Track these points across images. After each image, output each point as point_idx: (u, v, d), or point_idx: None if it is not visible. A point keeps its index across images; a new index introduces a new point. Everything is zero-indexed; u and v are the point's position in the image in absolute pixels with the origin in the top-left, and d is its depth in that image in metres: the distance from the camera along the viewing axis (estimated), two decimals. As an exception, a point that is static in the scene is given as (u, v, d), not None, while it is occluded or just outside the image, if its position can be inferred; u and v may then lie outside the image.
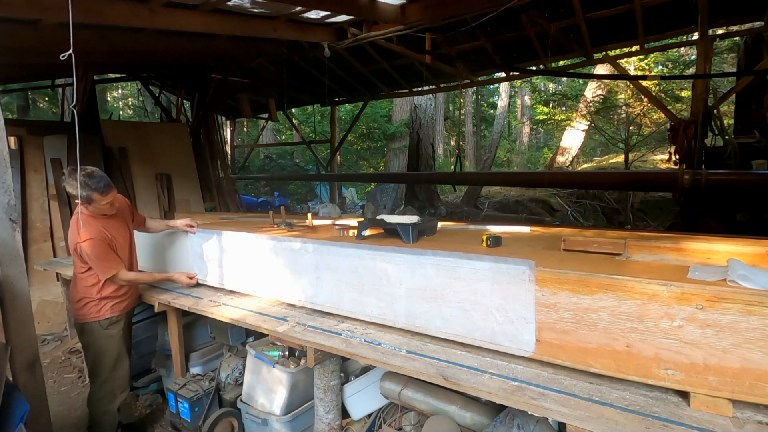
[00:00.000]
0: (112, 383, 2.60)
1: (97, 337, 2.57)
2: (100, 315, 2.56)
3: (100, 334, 2.57)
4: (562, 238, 2.00)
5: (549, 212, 9.22)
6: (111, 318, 2.59)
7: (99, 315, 2.56)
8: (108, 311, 2.58)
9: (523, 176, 8.90)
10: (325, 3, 4.14)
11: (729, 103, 7.25)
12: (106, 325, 2.58)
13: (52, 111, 14.45)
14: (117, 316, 2.63)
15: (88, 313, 2.54)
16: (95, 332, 2.57)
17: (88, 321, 2.55)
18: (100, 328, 2.56)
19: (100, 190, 2.35)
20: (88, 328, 2.57)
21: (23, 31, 3.80)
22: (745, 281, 1.30)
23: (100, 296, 2.54)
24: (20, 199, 5.40)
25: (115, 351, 2.62)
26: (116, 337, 2.62)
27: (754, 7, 4.91)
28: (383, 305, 2.02)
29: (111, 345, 2.60)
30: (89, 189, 2.31)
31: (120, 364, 2.64)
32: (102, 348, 2.58)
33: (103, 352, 2.58)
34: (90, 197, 2.33)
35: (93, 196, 2.33)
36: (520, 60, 6.78)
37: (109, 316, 2.58)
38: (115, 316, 2.61)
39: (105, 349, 2.58)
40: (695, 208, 4.97)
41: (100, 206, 2.41)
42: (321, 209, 9.10)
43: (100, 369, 2.59)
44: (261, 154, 15.96)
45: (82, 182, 2.27)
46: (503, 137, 16.75)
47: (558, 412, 1.40)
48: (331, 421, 2.24)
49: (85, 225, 2.40)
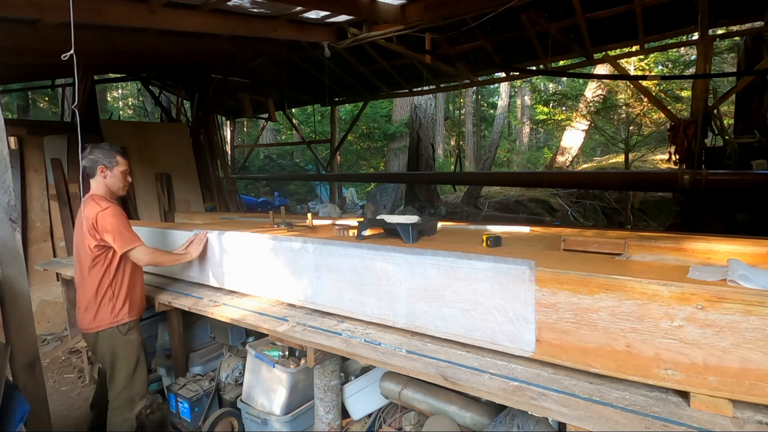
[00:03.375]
0: (131, 390, 2.44)
1: (116, 343, 2.38)
2: (118, 319, 2.38)
3: (119, 340, 2.38)
4: (562, 238, 2.00)
5: (549, 212, 9.22)
6: (129, 322, 2.42)
7: (117, 320, 2.37)
8: (126, 315, 2.40)
9: (523, 176, 8.90)
10: (325, 3, 4.14)
11: (729, 103, 7.25)
12: (125, 330, 2.40)
13: (52, 111, 14.46)
14: (134, 320, 2.47)
15: (104, 318, 2.35)
16: (114, 339, 2.37)
17: (104, 328, 2.35)
18: (119, 333, 2.38)
19: (121, 153, 2.45)
20: (105, 335, 2.36)
21: (23, 31, 3.80)
22: (745, 281, 1.30)
23: (113, 295, 2.36)
24: (20, 199, 5.40)
25: (135, 357, 2.45)
26: (135, 342, 2.46)
27: (754, 7, 4.91)
28: (383, 305, 2.02)
29: (131, 351, 2.43)
30: (113, 151, 2.41)
31: (139, 369, 2.48)
32: (121, 355, 2.40)
33: (122, 360, 2.40)
34: (114, 160, 2.39)
35: (117, 158, 2.40)
36: (520, 60, 6.78)
37: (127, 320, 2.41)
38: (133, 320, 2.45)
39: (124, 356, 2.41)
40: (695, 208, 4.97)
41: (119, 174, 2.42)
42: (321, 209, 9.10)
43: (119, 377, 2.41)
44: (261, 154, 15.96)
45: (104, 148, 2.39)
46: (503, 137, 16.75)
47: (558, 412, 1.40)
48: (331, 421, 2.24)
49: (103, 200, 2.34)
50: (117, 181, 2.43)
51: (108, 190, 2.42)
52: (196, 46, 5.16)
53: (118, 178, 2.43)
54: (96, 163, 2.37)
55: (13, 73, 6.37)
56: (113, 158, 2.40)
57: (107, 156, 2.38)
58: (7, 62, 4.91)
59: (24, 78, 8.58)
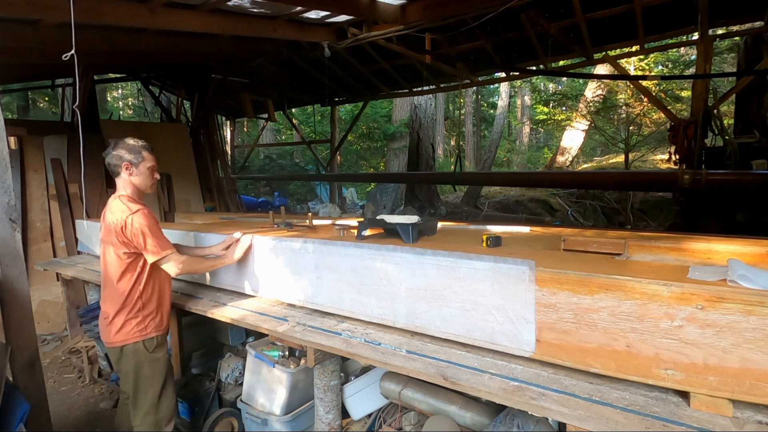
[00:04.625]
0: (158, 414, 2.21)
1: (142, 361, 2.16)
2: (146, 334, 2.16)
3: (145, 358, 2.17)
4: (562, 238, 2.00)
5: (549, 212, 9.22)
6: (156, 338, 2.21)
7: (144, 334, 2.16)
8: (154, 329, 2.20)
9: (523, 176, 8.91)
10: (326, 3, 4.15)
11: (729, 103, 7.25)
12: (152, 346, 2.18)
13: (52, 111, 14.46)
14: (162, 335, 2.26)
15: (130, 331, 2.14)
16: (139, 356, 2.16)
17: (129, 342, 2.14)
18: (145, 350, 2.16)
19: (147, 148, 2.24)
20: (129, 351, 2.15)
21: (23, 31, 3.80)
22: (745, 281, 1.30)
23: (142, 306, 2.16)
24: (20, 199, 5.40)
25: (161, 377, 2.22)
26: (162, 360, 2.24)
27: (754, 7, 4.91)
28: (383, 305, 2.01)
29: (157, 370, 2.20)
30: (139, 146, 2.20)
31: (166, 391, 2.24)
32: (147, 374, 2.18)
33: (147, 380, 2.18)
34: (140, 155, 2.19)
35: (143, 153, 2.20)
36: (520, 60, 6.78)
37: (154, 335, 2.20)
38: (160, 335, 2.24)
39: (150, 375, 2.18)
40: (695, 208, 4.97)
41: (146, 171, 2.21)
42: (321, 209, 9.10)
43: (143, 399, 2.19)
44: (261, 154, 15.96)
45: (128, 143, 2.19)
46: (503, 137, 16.75)
47: (558, 412, 1.40)
48: (331, 421, 2.24)
49: (131, 202, 2.14)
50: (145, 178, 2.22)
51: (135, 190, 2.22)
52: (196, 46, 5.16)
53: (145, 176, 2.22)
54: (121, 160, 2.16)
55: (13, 73, 6.38)
56: (139, 154, 2.19)
57: (132, 152, 2.18)
58: (7, 62, 4.92)
59: (24, 78, 8.59)
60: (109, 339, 2.16)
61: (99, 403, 3.40)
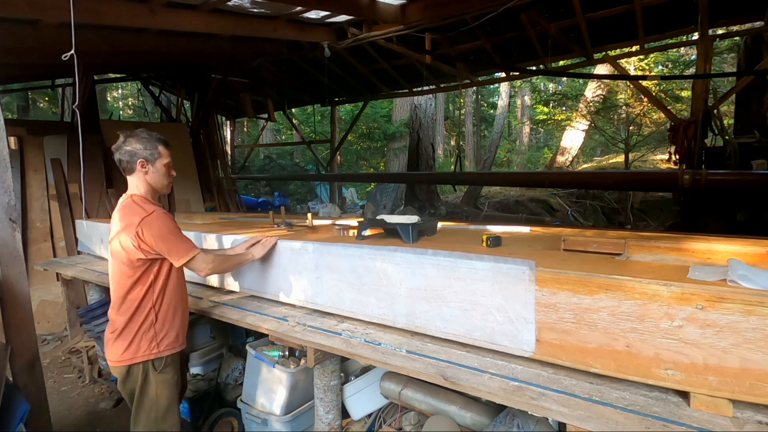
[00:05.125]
0: None
1: (147, 382, 1.94)
2: (157, 351, 1.93)
3: (152, 379, 1.94)
4: (562, 238, 2.00)
5: (549, 212, 9.22)
6: (166, 358, 1.96)
7: (155, 352, 1.93)
8: (166, 347, 1.96)
9: (523, 176, 8.91)
10: (326, 3, 4.15)
11: (729, 103, 7.25)
12: (160, 366, 1.95)
13: (52, 111, 14.46)
14: (175, 354, 2.02)
15: (139, 349, 1.90)
16: (145, 376, 1.93)
17: (138, 362, 1.91)
18: (153, 370, 1.93)
19: (163, 141, 1.99)
20: (137, 369, 1.92)
21: (23, 31, 3.80)
22: (745, 281, 1.30)
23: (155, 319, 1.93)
24: (20, 199, 5.40)
25: (167, 398, 1.97)
26: (170, 381, 1.99)
27: (754, 7, 4.91)
28: (383, 305, 2.01)
29: (163, 393, 1.96)
30: (153, 140, 1.95)
31: (170, 413, 1.99)
32: (150, 396, 1.94)
33: (150, 399, 1.95)
34: (156, 150, 1.95)
35: (159, 148, 1.96)
36: (520, 60, 6.78)
37: (165, 354, 1.96)
38: (174, 353, 2.01)
39: (155, 397, 1.94)
40: (695, 208, 4.97)
41: (162, 168, 1.98)
42: (321, 209, 9.09)
43: (144, 417, 1.97)
44: (261, 154, 15.96)
45: (142, 136, 1.94)
46: (503, 137, 16.76)
47: (558, 412, 1.40)
48: (331, 421, 2.24)
49: (146, 203, 1.93)
50: (161, 176, 1.98)
51: (150, 189, 1.98)
52: (196, 46, 5.17)
53: (161, 174, 1.98)
54: (135, 156, 1.91)
55: (13, 73, 6.38)
56: (155, 149, 1.94)
57: (147, 146, 1.93)
58: (7, 62, 4.92)
59: (24, 78, 8.59)
60: (113, 358, 1.93)
61: (99, 403, 3.40)
